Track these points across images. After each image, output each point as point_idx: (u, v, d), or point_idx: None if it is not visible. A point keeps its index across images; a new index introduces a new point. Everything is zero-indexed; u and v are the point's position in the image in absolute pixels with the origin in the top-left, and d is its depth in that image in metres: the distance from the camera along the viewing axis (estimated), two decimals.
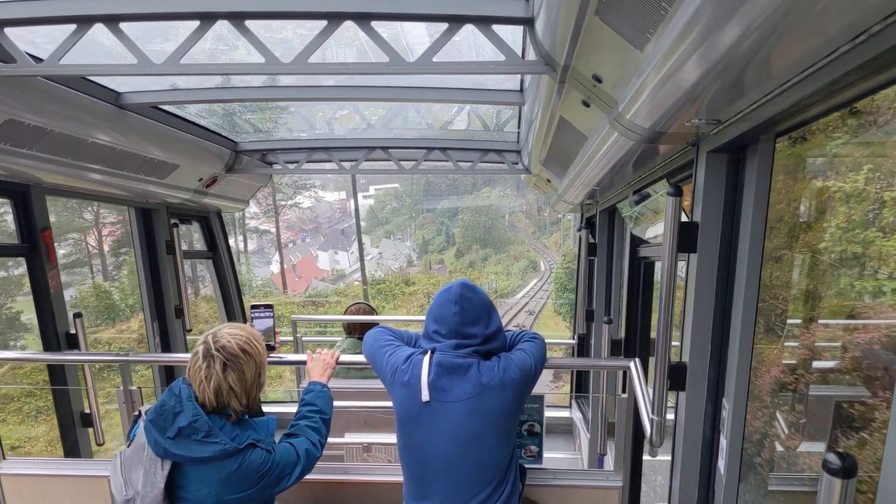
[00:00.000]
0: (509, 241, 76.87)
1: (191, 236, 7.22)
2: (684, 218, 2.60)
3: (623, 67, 2.19)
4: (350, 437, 5.07)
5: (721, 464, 2.67)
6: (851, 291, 2.63)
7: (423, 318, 3.14)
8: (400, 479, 3.11)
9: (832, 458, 1.35)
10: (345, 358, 3.48)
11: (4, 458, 3.82)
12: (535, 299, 50.29)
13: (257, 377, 2.76)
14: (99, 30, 2.76)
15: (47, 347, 4.60)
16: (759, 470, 3.09)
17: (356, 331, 5.78)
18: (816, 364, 3.00)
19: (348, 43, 2.77)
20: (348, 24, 2.70)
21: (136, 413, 2.85)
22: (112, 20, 2.68)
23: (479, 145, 5.98)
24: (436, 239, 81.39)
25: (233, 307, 7.34)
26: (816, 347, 2.95)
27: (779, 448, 3.13)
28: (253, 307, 3.44)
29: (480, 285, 3.07)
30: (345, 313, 6.10)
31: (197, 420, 2.58)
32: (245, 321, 7.13)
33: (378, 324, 3.66)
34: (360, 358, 3.36)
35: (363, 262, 41.61)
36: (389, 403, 3.10)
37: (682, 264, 2.76)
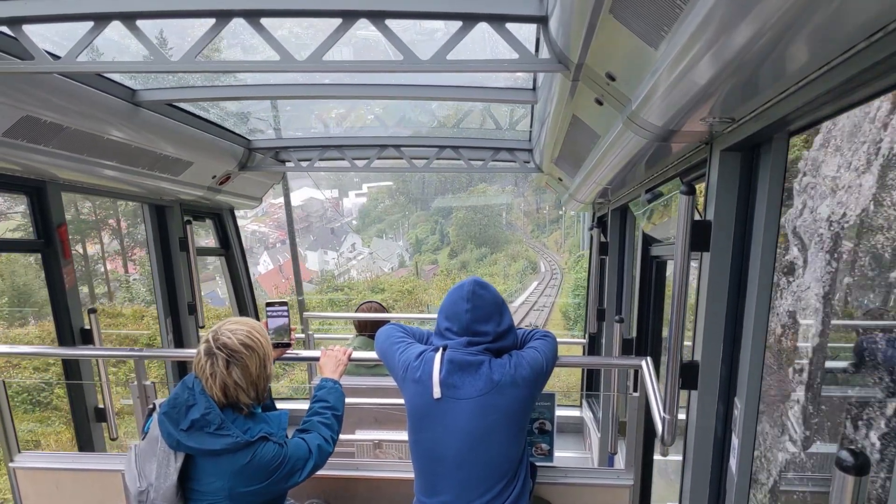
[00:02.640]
0: (507, 241, 74.53)
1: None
2: (697, 217, 2.60)
3: (637, 65, 2.19)
4: (361, 434, 5.09)
5: (733, 463, 2.67)
6: None
7: (435, 316, 3.15)
8: (411, 475, 3.12)
9: (845, 455, 1.35)
10: (357, 354, 3.50)
11: (19, 452, 3.85)
12: (536, 307, 45.47)
13: (263, 369, 2.76)
14: (115, 27, 2.79)
15: (62, 342, 4.64)
16: None
17: (367, 329, 5.80)
18: None
19: (344, 42, 2.78)
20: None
21: (151, 406, 2.88)
22: (129, 17, 2.70)
23: (490, 143, 5.99)
24: (430, 238, 79.45)
25: (245, 305, 7.38)
26: None
27: None
28: (268, 304, 3.46)
29: None
30: (356, 312, 6.13)
31: (209, 413, 2.60)
32: (257, 319, 7.17)
33: (389, 322, 3.68)
34: (373, 354, 3.37)
35: (298, 273, 32.34)
36: (400, 401, 3.11)
37: (694, 263, 2.76)
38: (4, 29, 2.87)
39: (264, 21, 2.71)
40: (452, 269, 66.19)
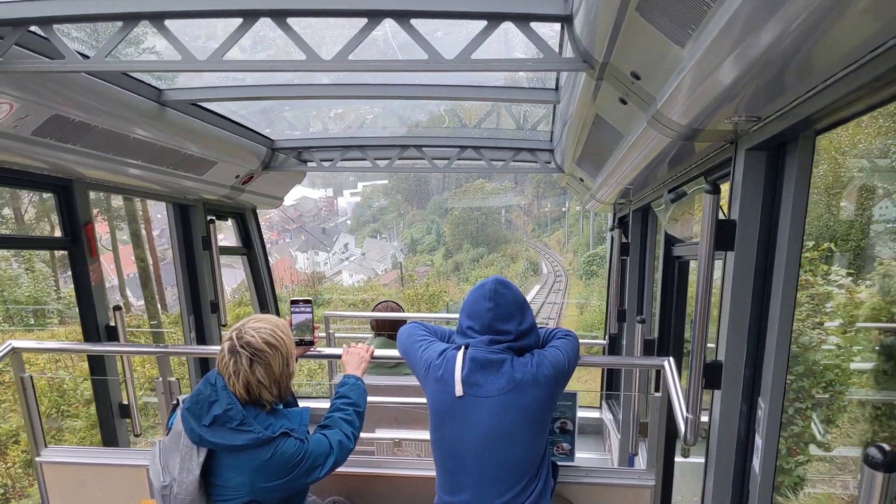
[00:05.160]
0: (506, 240, 72.56)
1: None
2: (721, 216, 2.59)
3: (662, 64, 2.19)
4: (381, 433, 5.11)
5: (756, 463, 2.66)
6: None
7: (456, 315, 3.17)
8: (432, 473, 3.13)
9: (874, 451, 1.34)
10: (379, 353, 3.52)
11: (46, 447, 3.90)
12: (539, 320, 39.90)
13: (286, 367, 2.78)
14: (143, 27, 2.83)
15: (88, 338, 4.70)
16: None
17: (385, 329, 5.81)
18: None
19: (342, 41, 2.80)
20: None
21: (175, 402, 2.91)
22: (157, 17, 2.74)
23: (512, 144, 5.99)
24: (425, 238, 77.83)
25: (267, 303, 7.43)
26: None
27: None
28: (293, 301, 3.48)
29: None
30: (373, 312, 6.16)
31: (231, 409, 2.62)
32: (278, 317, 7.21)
33: (408, 321, 3.69)
34: (394, 352, 3.39)
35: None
36: (420, 399, 3.12)
37: (718, 263, 2.75)
38: (35, 29, 2.92)
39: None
40: (447, 270, 63.53)
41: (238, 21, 2.74)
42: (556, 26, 2.86)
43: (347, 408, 3.07)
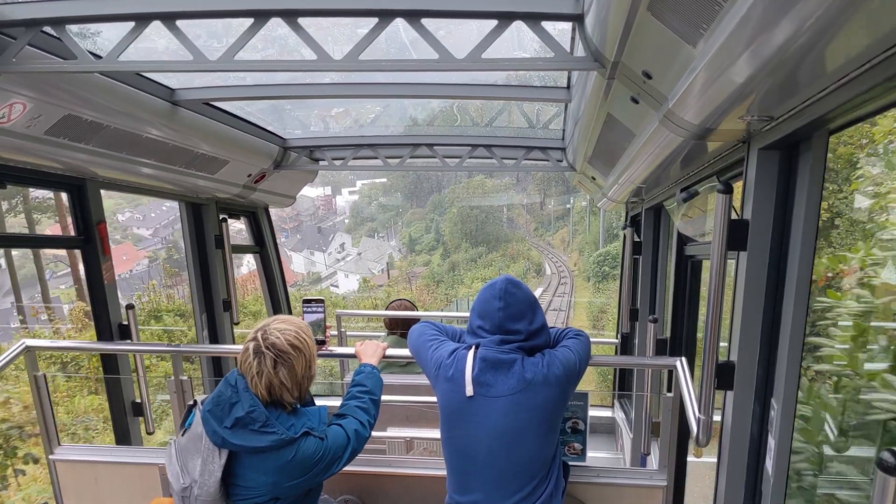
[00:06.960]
0: (507, 239, 70.50)
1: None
2: (734, 216, 2.58)
3: (674, 63, 2.18)
4: (392, 432, 5.11)
5: (769, 464, 2.64)
6: None
7: (466, 314, 3.16)
8: (443, 472, 3.13)
9: (888, 456, 1.33)
10: (391, 352, 3.52)
11: (59, 444, 3.93)
12: None
13: (307, 370, 2.80)
14: (155, 27, 2.84)
15: (101, 337, 4.72)
16: None
17: (398, 328, 5.82)
18: None
19: (346, 40, 2.79)
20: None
21: (191, 402, 2.91)
22: (169, 17, 2.75)
23: (523, 142, 5.98)
24: (424, 237, 76.28)
25: (279, 302, 7.45)
26: None
27: None
28: (305, 301, 3.49)
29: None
30: (386, 310, 6.17)
31: (254, 410, 2.62)
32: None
33: (420, 319, 3.69)
34: (406, 352, 3.40)
35: None
36: (430, 399, 3.12)
37: (730, 262, 2.74)
38: (48, 29, 2.93)
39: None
40: (442, 272, 61.64)
41: (249, 21, 2.76)
42: (568, 25, 2.85)
43: (363, 395, 3.08)
